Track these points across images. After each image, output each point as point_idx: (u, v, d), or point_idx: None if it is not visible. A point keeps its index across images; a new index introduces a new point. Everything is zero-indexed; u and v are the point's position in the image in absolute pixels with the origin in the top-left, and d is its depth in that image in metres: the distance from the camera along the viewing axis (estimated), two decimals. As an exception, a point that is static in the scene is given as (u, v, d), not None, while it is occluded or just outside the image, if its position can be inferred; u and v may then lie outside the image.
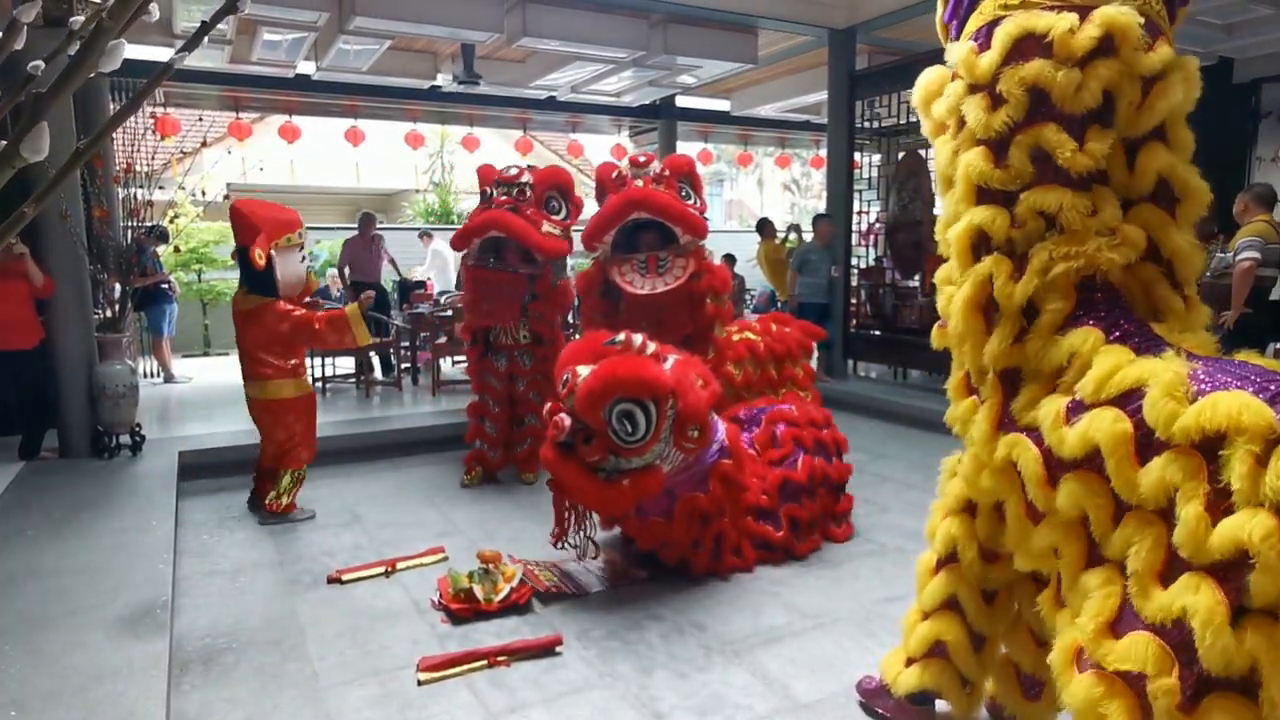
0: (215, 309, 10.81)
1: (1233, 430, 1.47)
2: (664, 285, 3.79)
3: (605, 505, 3.22)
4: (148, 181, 5.79)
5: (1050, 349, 1.84)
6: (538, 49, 7.80)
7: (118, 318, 5.42)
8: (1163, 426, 1.56)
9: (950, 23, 2.20)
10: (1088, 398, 1.71)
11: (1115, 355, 1.74)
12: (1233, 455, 1.46)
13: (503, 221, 4.56)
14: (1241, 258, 4.96)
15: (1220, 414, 1.48)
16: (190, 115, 9.36)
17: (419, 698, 2.65)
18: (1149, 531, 1.59)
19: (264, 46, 7.39)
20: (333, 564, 3.75)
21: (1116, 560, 1.67)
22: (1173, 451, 1.54)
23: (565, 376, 3.22)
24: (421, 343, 8.03)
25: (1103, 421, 1.64)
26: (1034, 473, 1.82)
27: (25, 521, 3.87)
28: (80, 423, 5.11)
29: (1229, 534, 1.43)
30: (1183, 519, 1.50)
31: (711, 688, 2.70)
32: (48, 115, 1.03)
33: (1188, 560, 1.51)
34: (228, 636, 3.06)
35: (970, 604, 2.22)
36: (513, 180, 4.73)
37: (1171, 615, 1.52)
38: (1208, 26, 7.22)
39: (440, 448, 5.75)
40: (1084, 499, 1.70)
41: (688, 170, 4.20)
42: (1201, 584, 1.48)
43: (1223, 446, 1.49)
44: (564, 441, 3.14)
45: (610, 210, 3.86)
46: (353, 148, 9.98)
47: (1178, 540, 1.52)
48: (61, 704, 2.32)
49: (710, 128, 12.17)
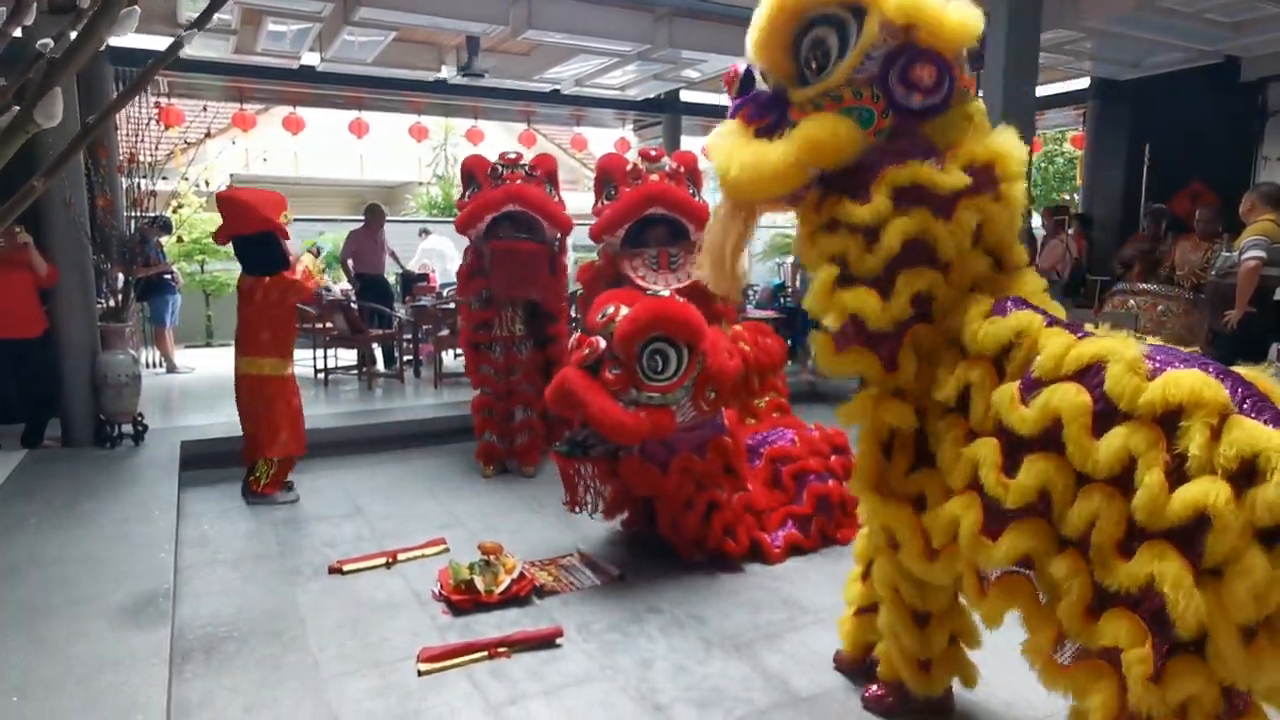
0: (218, 300, 10.80)
1: (1192, 404, 1.60)
2: (676, 283, 3.79)
3: (619, 430, 3.25)
4: (151, 172, 5.79)
5: (994, 328, 1.93)
6: (542, 42, 7.78)
7: (121, 307, 5.43)
8: (1127, 399, 1.67)
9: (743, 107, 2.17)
10: (1045, 375, 1.80)
11: (1063, 335, 1.85)
12: (1191, 427, 1.59)
13: (523, 193, 4.66)
14: (1246, 257, 4.95)
15: (1183, 389, 1.61)
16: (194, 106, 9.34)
17: (419, 688, 2.66)
18: (1110, 504, 1.68)
19: (268, 37, 7.38)
20: (334, 555, 3.76)
21: (1075, 541, 1.76)
22: (1135, 422, 1.66)
23: (607, 309, 3.38)
24: (424, 335, 8.03)
25: (1065, 394, 1.74)
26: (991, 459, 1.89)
27: (28, 510, 3.88)
28: (83, 412, 5.12)
29: (1190, 499, 1.55)
30: (1145, 485, 1.60)
31: (711, 681, 2.71)
32: (61, 82, 1.03)
33: (1144, 527, 1.63)
34: (229, 626, 3.07)
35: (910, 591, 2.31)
36: (516, 161, 4.82)
37: (1138, 583, 1.62)
38: (1215, 25, 7.18)
39: (442, 440, 5.76)
40: (1047, 476, 1.76)
41: (693, 166, 4.21)
42: (1165, 550, 1.59)
43: (1178, 420, 1.61)
44: (589, 365, 3.28)
45: (628, 204, 3.86)
46: (357, 140, 9.96)
47: (1138, 505, 1.62)
48: (64, 692, 2.33)
49: (715, 122, 12.07)
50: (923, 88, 1.99)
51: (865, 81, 2.01)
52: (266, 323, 4.38)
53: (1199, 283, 6.05)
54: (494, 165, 4.79)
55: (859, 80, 2.01)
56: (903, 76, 1.99)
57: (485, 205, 4.70)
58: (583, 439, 3.44)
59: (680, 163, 4.15)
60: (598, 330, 3.41)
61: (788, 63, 2.07)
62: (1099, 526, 1.69)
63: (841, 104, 2.01)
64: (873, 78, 2.02)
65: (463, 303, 5.21)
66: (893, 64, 2.00)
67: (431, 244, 11.11)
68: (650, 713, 2.53)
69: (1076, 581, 1.74)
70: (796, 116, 2.08)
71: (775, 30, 2.03)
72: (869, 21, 1.96)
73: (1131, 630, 1.65)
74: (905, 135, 2.05)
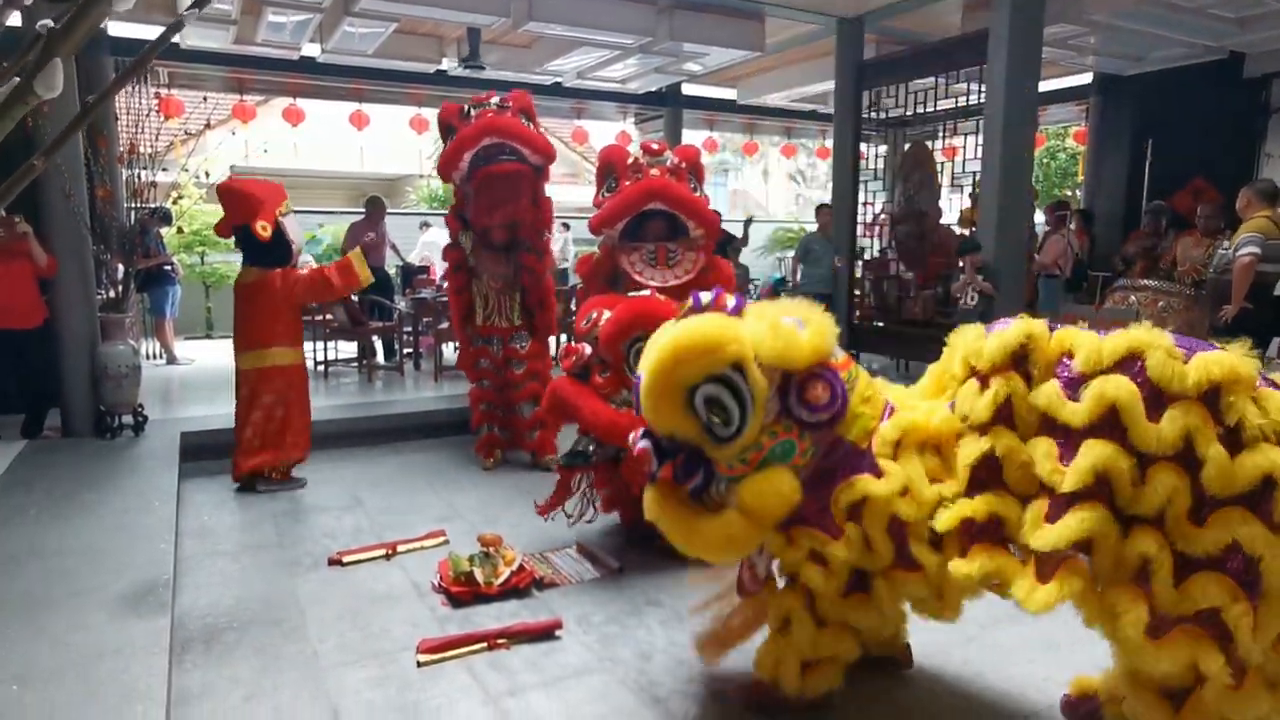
0: (218, 291, 10.79)
1: (1231, 380, 1.78)
2: (675, 279, 3.78)
3: (613, 429, 3.27)
4: (151, 163, 5.77)
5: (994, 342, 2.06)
6: (544, 34, 7.75)
7: (121, 298, 5.42)
8: (1175, 382, 1.81)
9: None
10: (1088, 370, 1.91)
11: (1086, 334, 1.99)
12: (1238, 400, 1.77)
13: (500, 123, 4.67)
14: (1242, 253, 4.96)
15: (1225, 367, 1.79)
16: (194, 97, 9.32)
17: (419, 679, 2.67)
18: (1181, 478, 1.80)
19: (268, 28, 7.35)
20: (333, 546, 3.77)
21: (1147, 518, 1.85)
22: (1185, 403, 1.80)
23: (591, 315, 3.42)
24: (424, 328, 8.03)
25: (1117, 384, 1.84)
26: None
27: (27, 501, 3.89)
28: (83, 403, 5.12)
29: (1258, 464, 1.74)
30: (1211, 457, 1.76)
31: (710, 674, 2.70)
32: (61, 53, 1.02)
33: (1215, 495, 1.78)
34: (229, 616, 3.08)
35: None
36: (485, 100, 4.82)
37: (1223, 546, 1.77)
38: (1219, 20, 7.17)
39: (442, 433, 5.76)
40: (1108, 459, 1.83)
41: (695, 161, 4.19)
42: (1245, 514, 1.76)
43: (1218, 397, 1.79)
44: (578, 372, 3.33)
45: (627, 198, 3.85)
46: (357, 131, 9.94)
47: (1210, 476, 1.76)
48: (64, 681, 2.34)
49: (716, 116, 12.11)
50: (823, 405, 2.16)
51: (774, 420, 2.18)
52: (290, 317, 4.47)
53: (1200, 279, 6.05)
54: (463, 106, 4.80)
55: (769, 424, 2.17)
56: (802, 402, 2.17)
57: (462, 142, 4.70)
58: (584, 448, 3.45)
59: (682, 158, 4.14)
60: (583, 336, 3.45)
61: (689, 422, 2.17)
62: (1174, 500, 1.80)
63: (763, 451, 2.17)
64: (779, 413, 2.18)
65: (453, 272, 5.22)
66: (787, 395, 2.18)
67: (432, 237, 11.10)
68: (649, 705, 2.53)
69: (1165, 554, 1.82)
70: (725, 471, 2.22)
71: (666, 401, 2.15)
72: (751, 373, 2.11)
73: (1229, 589, 1.77)
74: (826, 444, 2.23)
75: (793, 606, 2.33)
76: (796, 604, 2.32)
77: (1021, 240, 6.57)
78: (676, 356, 2.10)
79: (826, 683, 2.35)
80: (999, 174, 6.24)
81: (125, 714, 2.19)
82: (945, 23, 7.99)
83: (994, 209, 6.32)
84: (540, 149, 4.84)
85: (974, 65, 6.73)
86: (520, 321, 5.09)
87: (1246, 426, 1.76)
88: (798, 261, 8.41)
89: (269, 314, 4.40)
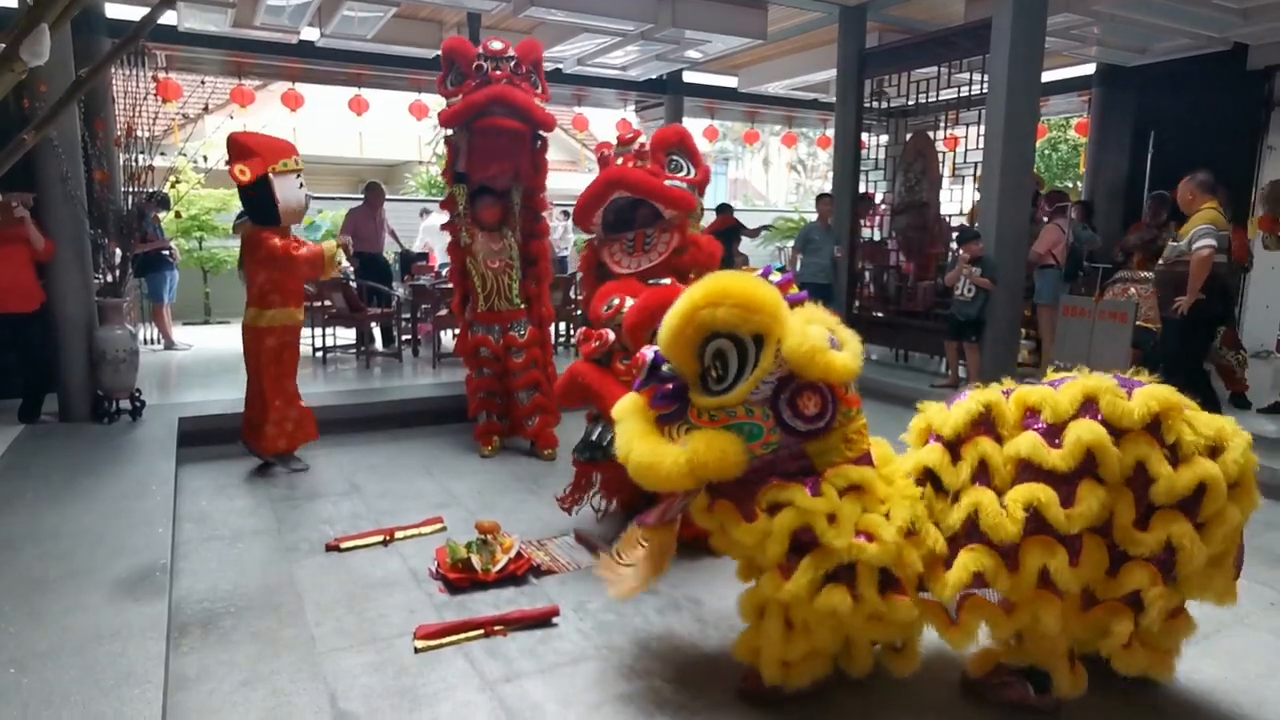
0: (216, 276, 10.76)
1: (1167, 409, 2.18)
2: (647, 262, 3.77)
3: None
4: (149, 146, 5.74)
5: (953, 415, 2.36)
6: (544, 19, 7.70)
7: (118, 282, 5.40)
8: (1125, 419, 2.16)
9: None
10: (1057, 419, 2.20)
11: (1038, 390, 2.29)
12: (1175, 424, 2.18)
13: (506, 95, 4.74)
14: (1199, 245, 4.98)
15: (1161, 399, 2.19)
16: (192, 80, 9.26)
17: (415, 665, 2.67)
18: (1126, 497, 2.19)
19: (267, 11, 7.30)
20: (331, 532, 3.77)
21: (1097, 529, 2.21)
22: (1134, 434, 2.17)
23: (613, 301, 3.45)
24: (422, 315, 8.01)
25: (1090, 429, 2.15)
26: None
27: (25, 484, 3.89)
28: (80, 387, 5.11)
29: (1194, 475, 2.14)
30: (1162, 476, 2.14)
31: (706, 662, 2.72)
32: (50, 19, 1.00)
33: (1159, 505, 2.18)
34: (226, 601, 3.08)
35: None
36: (502, 54, 4.89)
37: (1161, 545, 2.17)
38: (1223, 10, 7.12)
39: (440, 420, 5.76)
40: (1097, 501, 2.14)
41: (677, 141, 4.13)
42: (1176, 515, 2.17)
43: (1158, 424, 2.18)
44: (599, 358, 3.38)
45: (592, 191, 3.85)
46: (356, 117, 9.89)
47: (1158, 490, 2.15)
48: (61, 663, 2.34)
49: (717, 104, 12.06)
50: (807, 416, 2.24)
51: (758, 401, 2.26)
52: (278, 279, 4.43)
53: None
54: (478, 61, 4.82)
55: (753, 400, 2.25)
56: (791, 404, 2.25)
57: (470, 106, 4.74)
58: (597, 438, 3.44)
59: (657, 141, 4.08)
60: (604, 322, 3.47)
61: (692, 364, 2.29)
62: (1123, 513, 2.18)
63: (735, 419, 2.25)
64: (765, 399, 2.26)
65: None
66: (783, 390, 2.25)
67: (433, 222, 11.05)
68: (645, 692, 2.54)
69: (1099, 554, 2.20)
70: (694, 418, 2.29)
71: (684, 339, 2.25)
72: (766, 353, 2.21)
73: (1151, 574, 2.18)
74: (789, 450, 2.31)
75: (767, 599, 2.37)
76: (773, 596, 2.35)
77: (1023, 232, 6.56)
78: (715, 300, 2.19)
79: (811, 674, 2.38)
80: (1000, 165, 6.22)
81: (122, 697, 2.19)
82: (948, 12, 7.95)
83: (994, 200, 6.30)
84: (542, 121, 4.94)
85: (976, 55, 6.69)
86: (520, 304, 5.08)
87: (1183, 444, 2.16)
88: (797, 251, 8.38)
89: (259, 271, 4.41)
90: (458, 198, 5.05)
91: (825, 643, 2.35)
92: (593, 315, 3.57)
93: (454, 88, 4.88)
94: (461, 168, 5.02)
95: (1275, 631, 3.01)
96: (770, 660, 2.38)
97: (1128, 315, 5.60)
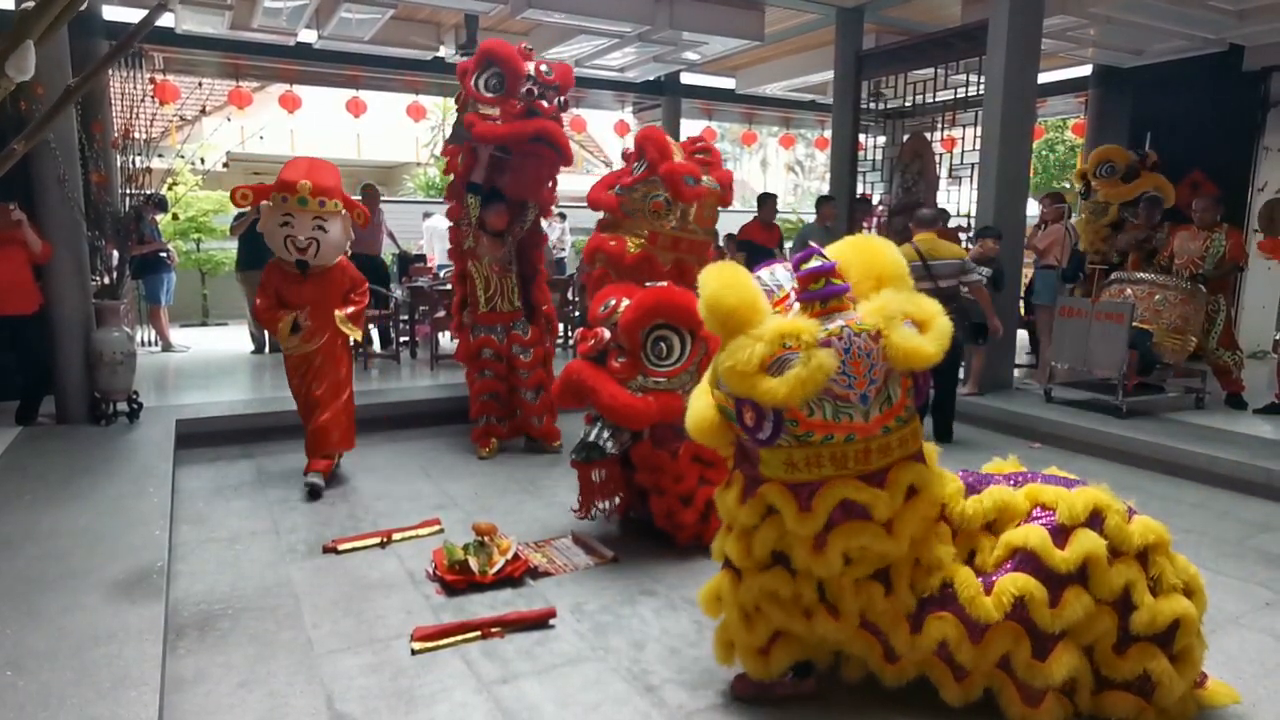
0: (214, 278, 10.75)
1: (1156, 543, 2.31)
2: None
3: (630, 412, 3.35)
4: (146, 148, 5.74)
5: (977, 506, 2.40)
6: (542, 21, 7.71)
7: (115, 284, 5.40)
8: (1124, 543, 2.29)
9: None
10: (1068, 522, 2.29)
11: (1052, 489, 2.39)
12: (1161, 559, 2.31)
13: (549, 129, 4.80)
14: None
15: (1155, 534, 2.32)
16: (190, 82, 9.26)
17: (412, 667, 2.67)
18: (1112, 619, 2.26)
19: (265, 13, 7.31)
20: (328, 534, 3.77)
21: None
22: (1127, 558, 2.28)
23: (609, 302, 3.51)
24: (420, 316, 8.01)
25: (1095, 541, 2.25)
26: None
27: (22, 486, 3.88)
28: (77, 389, 5.11)
29: (1170, 610, 2.24)
30: (1144, 605, 2.24)
31: (703, 663, 2.72)
32: (34, 35, 1.00)
33: (1135, 633, 2.26)
34: (223, 603, 3.08)
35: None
36: (550, 83, 4.93)
37: (1135, 675, 2.27)
38: (1219, 12, 7.14)
39: (437, 421, 5.76)
40: (1082, 609, 2.22)
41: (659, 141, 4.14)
42: (1154, 650, 2.26)
43: (1147, 555, 2.30)
44: (595, 356, 3.43)
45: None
46: (354, 118, 9.89)
47: (1138, 620, 2.23)
48: (57, 664, 2.34)
49: (714, 105, 12.08)
50: (746, 427, 2.24)
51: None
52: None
53: (1196, 272, 6.05)
54: (528, 85, 4.71)
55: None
56: (738, 418, 2.26)
57: (518, 136, 4.68)
58: (594, 438, 3.45)
59: (641, 138, 4.11)
60: (601, 321, 3.51)
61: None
62: (1105, 636, 2.28)
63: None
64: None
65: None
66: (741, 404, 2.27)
67: (435, 223, 11.04)
68: (642, 694, 2.55)
69: (1070, 659, 2.26)
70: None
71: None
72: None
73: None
74: (744, 455, 2.39)
75: (722, 587, 2.43)
76: (725, 584, 2.43)
77: (1021, 233, 6.57)
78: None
79: (789, 658, 2.40)
80: (997, 166, 6.23)
81: (119, 699, 2.19)
82: (945, 14, 7.96)
83: (991, 201, 6.31)
84: (570, 158, 5.06)
85: (973, 56, 6.71)
86: (520, 305, 5.13)
87: (1164, 580, 2.27)
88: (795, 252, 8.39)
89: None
90: (471, 209, 5.04)
91: (782, 622, 2.36)
92: (591, 315, 3.64)
93: (492, 96, 4.74)
94: (478, 179, 5.01)
95: (1271, 631, 3.02)
96: (744, 651, 2.42)
97: (1124, 316, 5.61)
